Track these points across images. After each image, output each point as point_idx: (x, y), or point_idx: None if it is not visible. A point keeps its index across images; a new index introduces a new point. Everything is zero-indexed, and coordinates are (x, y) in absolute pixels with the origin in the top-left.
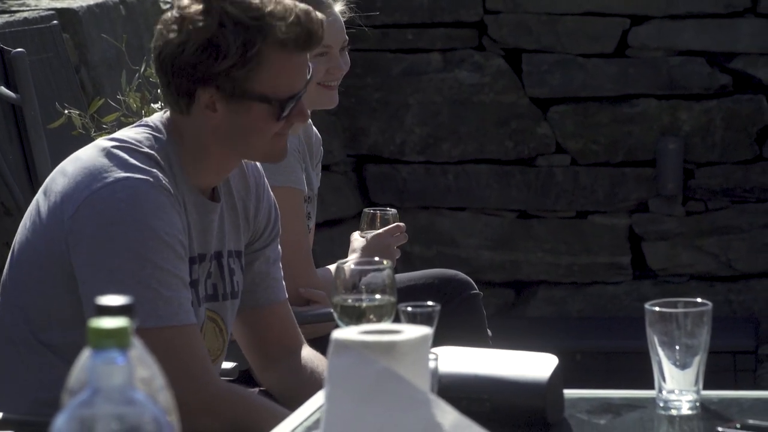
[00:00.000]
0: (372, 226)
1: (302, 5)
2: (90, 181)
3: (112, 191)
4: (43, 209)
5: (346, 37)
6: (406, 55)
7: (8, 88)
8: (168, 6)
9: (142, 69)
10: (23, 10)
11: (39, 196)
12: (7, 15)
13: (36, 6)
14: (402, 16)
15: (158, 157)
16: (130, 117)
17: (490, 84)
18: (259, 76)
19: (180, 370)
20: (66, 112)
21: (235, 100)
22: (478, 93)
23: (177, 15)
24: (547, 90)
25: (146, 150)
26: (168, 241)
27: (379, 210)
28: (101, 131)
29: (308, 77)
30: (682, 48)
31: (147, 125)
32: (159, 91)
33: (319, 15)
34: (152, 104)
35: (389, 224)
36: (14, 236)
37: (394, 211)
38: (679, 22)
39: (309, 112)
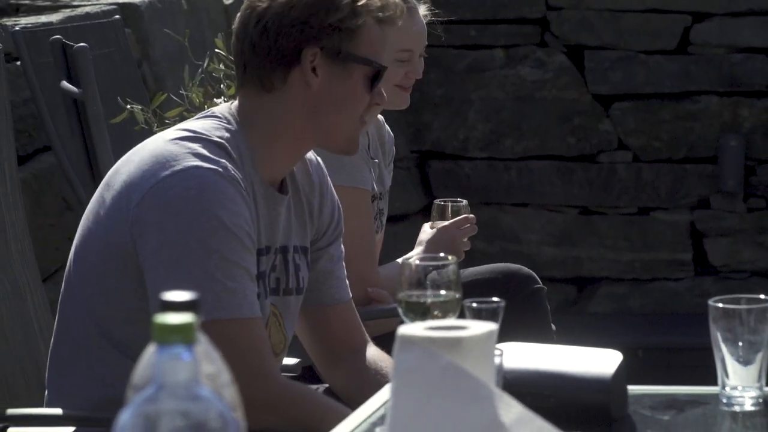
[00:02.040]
0: (442, 217)
1: None
2: (157, 170)
3: (180, 180)
4: (107, 201)
5: (426, 42)
6: (469, 51)
7: (70, 82)
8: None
9: (205, 64)
10: (85, 5)
11: (101, 188)
12: (68, 9)
13: (98, 0)
14: (465, 13)
15: (228, 147)
16: (192, 112)
17: (553, 80)
18: (363, 38)
19: (242, 364)
20: (128, 107)
21: (338, 62)
22: (541, 89)
23: None
24: (609, 87)
25: (216, 139)
26: (235, 231)
27: (450, 201)
28: (164, 126)
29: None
30: (743, 45)
31: (214, 116)
32: (222, 86)
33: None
34: (215, 99)
35: (459, 215)
36: (76, 231)
37: (464, 202)
38: (740, 19)
39: (383, 103)
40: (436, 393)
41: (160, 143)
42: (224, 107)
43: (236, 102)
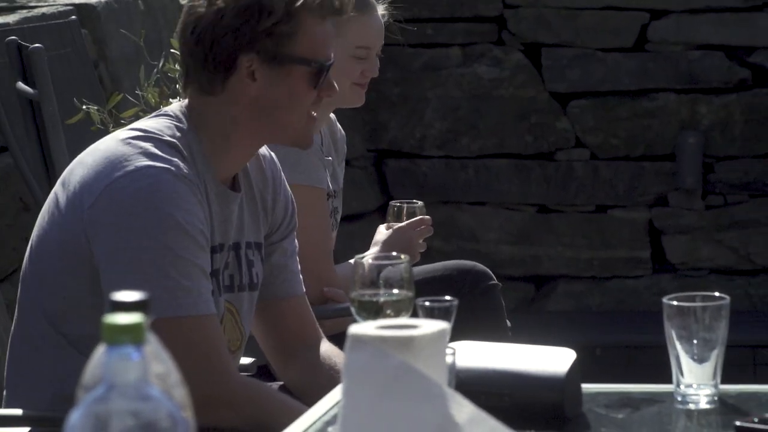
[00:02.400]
0: (398, 219)
1: None
2: (110, 171)
3: (132, 180)
4: (62, 201)
5: (383, 41)
6: (425, 49)
7: (26, 83)
8: None
9: (161, 64)
10: (41, 6)
11: (57, 188)
12: (25, 10)
13: (54, 1)
14: (421, 11)
15: (180, 146)
16: (148, 112)
17: (510, 78)
18: (299, 39)
19: (199, 361)
20: (84, 107)
21: (276, 64)
22: (498, 87)
23: None
24: (566, 84)
25: (168, 138)
26: (188, 230)
27: (406, 203)
28: (119, 127)
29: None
30: (701, 42)
31: (167, 114)
32: (177, 86)
33: None
34: (171, 99)
35: (415, 217)
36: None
37: (420, 203)
38: (698, 16)
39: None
40: (387, 392)
41: (113, 143)
42: (176, 106)
43: (187, 101)
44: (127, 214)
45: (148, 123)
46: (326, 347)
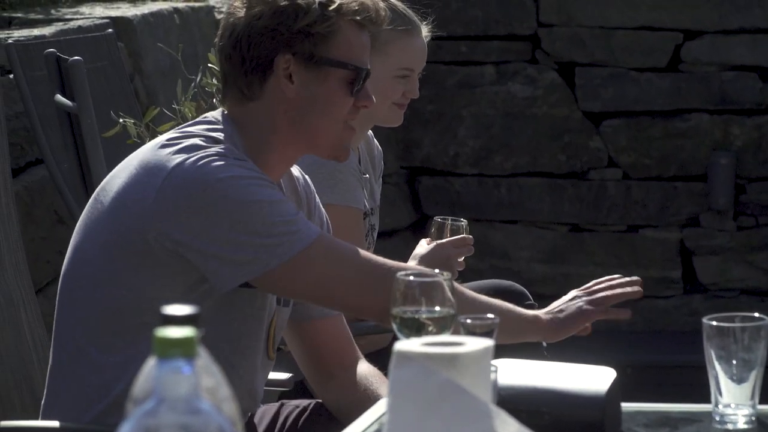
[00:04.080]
0: (441, 235)
1: None
2: (163, 163)
3: (192, 163)
4: (105, 208)
5: (425, 63)
6: (459, 67)
7: (64, 96)
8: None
9: (198, 78)
10: (77, 18)
11: (95, 199)
12: (61, 23)
13: (90, 14)
14: (456, 28)
15: (226, 144)
16: None
17: (543, 97)
18: (337, 41)
19: (352, 267)
20: (121, 120)
21: (312, 66)
22: (531, 106)
23: None
24: (599, 104)
25: (214, 135)
26: (264, 182)
27: (450, 219)
28: None
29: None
30: (734, 63)
31: (207, 120)
32: (215, 100)
33: (382, 5)
34: (207, 114)
35: (458, 234)
36: (68, 244)
37: (465, 222)
38: (731, 37)
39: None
40: (433, 409)
41: (155, 147)
42: (216, 113)
43: (226, 111)
44: (201, 190)
45: (189, 128)
46: (364, 367)
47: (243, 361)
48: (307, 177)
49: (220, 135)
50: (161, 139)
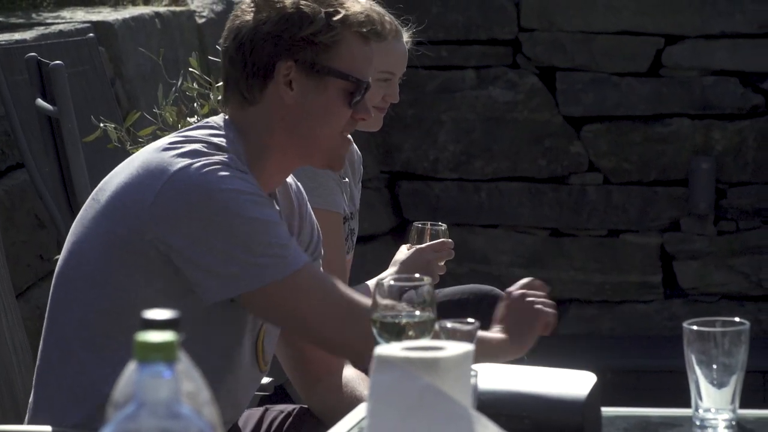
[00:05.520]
0: (420, 240)
1: (377, 7)
2: (165, 167)
3: (195, 170)
4: (103, 209)
5: (406, 67)
6: (440, 72)
7: (45, 100)
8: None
9: (179, 83)
10: (58, 23)
11: (90, 203)
12: (42, 27)
13: (71, 19)
14: (436, 33)
15: (228, 149)
16: (165, 131)
17: (524, 102)
18: (339, 52)
19: (327, 304)
20: (102, 125)
21: (313, 75)
22: (512, 111)
23: None
24: (580, 108)
25: (215, 141)
26: (261, 200)
27: (430, 224)
28: (137, 145)
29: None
30: (715, 68)
31: (209, 125)
32: (195, 105)
33: (388, 18)
34: (188, 118)
35: (438, 239)
36: (49, 248)
37: (444, 226)
38: (713, 42)
39: (368, 118)
40: (413, 414)
41: (154, 151)
42: (218, 118)
43: (227, 115)
44: (200, 200)
45: (191, 132)
46: (350, 372)
47: (229, 374)
48: (299, 183)
49: (222, 141)
50: (164, 141)
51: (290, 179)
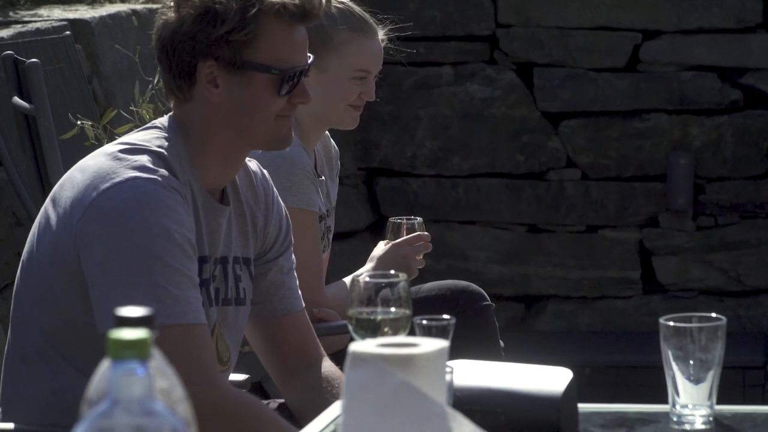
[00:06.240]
0: (397, 236)
1: None
2: (97, 184)
3: (119, 191)
4: (53, 217)
5: (381, 66)
6: (417, 68)
7: (22, 98)
8: None
9: (156, 80)
10: (35, 21)
11: (47, 204)
12: (19, 25)
13: (48, 17)
14: (414, 29)
15: (167, 156)
16: None
17: (502, 98)
18: (259, 45)
19: (188, 370)
20: (78, 123)
21: (236, 71)
22: (490, 107)
23: None
24: (558, 104)
25: (155, 149)
26: (177, 239)
27: (405, 219)
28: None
29: (310, 59)
30: (693, 63)
31: (155, 126)
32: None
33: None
34: (165, 115)
35: (414, 233)
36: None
37: (419, 219)
38: (690, 37)
39: (307, 101)
40: (388, 411)
41: (101, 158)
42: (165, 118)
43: (173, 112)
44: (115, 224)
45: (136, 136)
46: (327, 366)
47: None
48: (265, 172)
49: (164, 143)
50: (110, 147)
51: (255, 167)
